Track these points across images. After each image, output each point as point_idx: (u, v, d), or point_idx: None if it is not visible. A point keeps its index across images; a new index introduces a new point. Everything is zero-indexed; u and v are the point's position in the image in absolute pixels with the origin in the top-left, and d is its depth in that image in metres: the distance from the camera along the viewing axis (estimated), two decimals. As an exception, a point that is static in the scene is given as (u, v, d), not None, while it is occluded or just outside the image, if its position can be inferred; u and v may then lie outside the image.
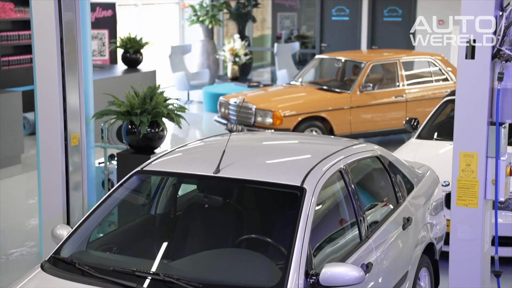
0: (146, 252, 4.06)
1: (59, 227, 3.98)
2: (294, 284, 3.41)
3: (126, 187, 4.17)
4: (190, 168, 4.14)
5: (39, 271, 3.65)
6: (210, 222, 4.18)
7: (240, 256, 3.84)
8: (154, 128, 5.95)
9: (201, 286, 3.36)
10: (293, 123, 9.92)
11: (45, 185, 5.35)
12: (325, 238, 4.00)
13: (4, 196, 8.47)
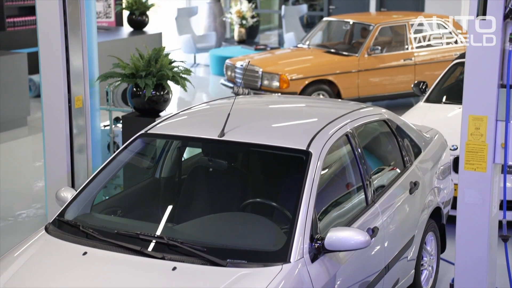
0: (150, 216, 4.04)
1: (63, 190, 3.96)
2: (299, 248, 3.39)
3: (130, 150, 4.13)
4: (194, 132, 4.09)
5: (43, 233, 3.64)
6: (215, 186, 4.15)
7: (245, 220, 3.81)
8: (159, 91, 5.90)
9: (205, 250, 3.34)
10: (300, 87, 9.83)
11: (49, 148, 5.33)
12: (331, 202, 3.96)
13: (11, 158, 8.47)
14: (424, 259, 4.99)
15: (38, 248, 3.51)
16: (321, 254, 3.50)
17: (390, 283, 4.36)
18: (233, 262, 3.29)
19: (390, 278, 4.30)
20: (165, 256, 3.33)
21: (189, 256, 3.32)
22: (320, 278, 3.45)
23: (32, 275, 3.32)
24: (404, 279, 4.60)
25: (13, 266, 3.37)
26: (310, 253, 3.44)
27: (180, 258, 3.31)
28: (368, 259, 4.00)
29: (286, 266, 3.30)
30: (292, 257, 3.35)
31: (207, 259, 3.29)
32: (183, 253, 3.34)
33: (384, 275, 4.20)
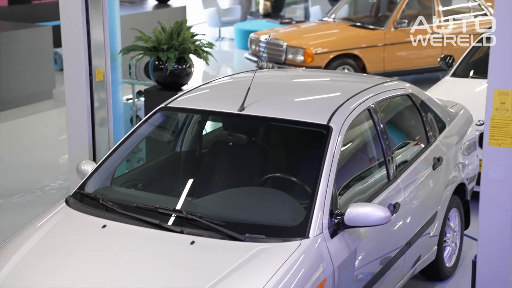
0: (170, 189, 4.04)
1: (84, 163, 3.97)
2: (318, 224, 3.36)
3: (150, 123, 4.12)
4: (214, 105, 4.06)
5: (64, 205, 3.66)
6: (235, 160, 4.13)
7: (264, 194, 3.79)
8: (181, 64, 5.87)
9: (223, 224, 3.32)
10: (324, 61, 9.74)
11: (71, 121, 5.35)
12: (352, 178, 3.92)
13: (37, 131, 8.54)
14: (447, 235, 4.94)
15: (58, 220, 3.53)
16: (341, 230, 3.47)
17: (412, 259, 4.33)
18: (251, 237, 3.27)
19: (411, 254, 4.27)
20: (183, 230, 3.32)
21: (207, 231, 3.31)
22: (340, 253, 3.43)
23: (51, 247, 3.34)
24: (426, 255, 4.56)
25: (34, 237, 3.40)
26: (330, 228, 3.41)
27: (199, 232, 3.30)
28: (389, 235, 3.97)
29: (305, 241, 3.28)
30: (311, 232, 3.32)
31: (226, 234, 3.28)
32: (202, 227, 3.33)
33: (406, 251, 4.17)
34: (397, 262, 4.09)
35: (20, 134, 8.64)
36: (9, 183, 6.78)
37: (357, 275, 3.66)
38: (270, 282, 3.03)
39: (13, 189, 6.58)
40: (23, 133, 8.65)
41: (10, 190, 6.56)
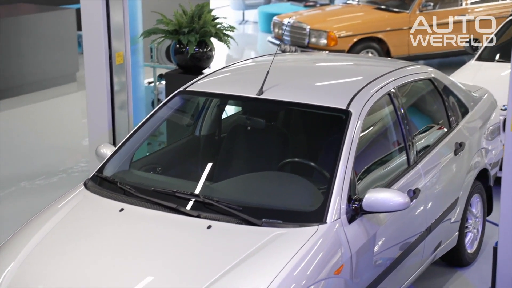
0: (188, 173, 4.03)
1: (103, 146, 3.98)
2: (336, 209, 3.33)
3: (169, 106, 4.11)
4: (233, 89, 4.04)
5: (82, 189, 3.67)
6: (253, 145, 4.11)
7: (282, 179, 3.77)
8: (202, 47, 5.85)
9: (240, 209, 3.31)
10: (348, 44, 9.65)
11: (91, 104, 5.37)
12: (371, 163, 3.88)
13: (60, 114, 8.60)
14: (469, 221, 4.88)
15: (77, 203, 3.54)
16: (359, 215, 3.45)
17: (432, 245, 4.29)
18: (268, 221, 3.25)
19: (432, 240, 4.23)
20: (200, 214, 3.31)
21: (224, 215, 3.30)
22: (358, 239, 3.41)
23: (69, 230, 3.36)
24: (447, 241, 4.52)
25: (52, 220, 3.42)
26: (348, 214, 3.38)
27: (216, 217, 3.29)
28: (409, 221, 3.93)
29: (322, 226, 3.26)
30: (328, 217, 3.30)
31: (242, 218, 3.27)
32: (219, 211, 3.32)
33: (426, 237, 4.13)
34: (417, 248, 4.05)
35: (44, 116, 8.71)
36: (32, 165, 6.85)
37: (376, 261, 3.63)
38: (286, 267, 3.02)
39: (36, 172, 6.65)
40: (47, 116, 8.71)
41: (34, 173, 6.63)
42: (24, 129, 8.15)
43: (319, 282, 3.12)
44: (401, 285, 4.01)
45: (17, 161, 7.02)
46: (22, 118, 8.62)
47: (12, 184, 6.37)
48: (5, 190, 6.25)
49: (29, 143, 7.57)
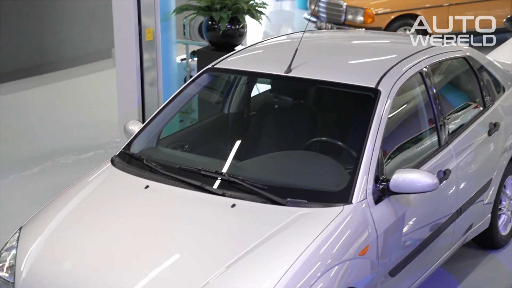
0: (215, 152, 4.02)
1: (131, 123, 3.98)
2: (362, 189, 3.29)
3: (198, 83, 4.08)
4: (261, 67, 4.00)
5: (109, 165, 3.68)
6: (280, 123, 4.08)
7: (309, 158, 3.73)
8: (234, 24, 5.81)
9: (265, 188, 3.29)
10: (385, 22, 9.49)
11: (120, 81, 5.37)
12: (400, 143, 3.82)
13: (96, 90, 8.66)
14: (503, 203, 4.78)
15: (103, 180, 3.56)
16: (386, 196, 3.39)
17: (463, 226, 4.22)
18: (293, 201, 3.22)
19: (462, 221, 4.16)
20: (225, 192, 3.30)
21: (249, 194, 3.28)
22: (384, 220, 3.36)
23: (95, 206, 3.38)
24: (479, 223, 4.45)
25: (79, 196, 3.44)
26: (374, 194, 3.33)
27: (240, 195, 3.27)
28: (438, 202, 3.87)
29: (348, 207, 3.22)
30: (354, 198, 3.25)
31: (267, 197, 3.24)
32: (244, 190, 3.30)
33: (456, 219, 4.06)
34: (447, 229, 3.99)
35: (80, 92, 8.79)
36: (68, 141, 6.93)
37: (404, 241, 3.59)
38: (309, 248, 2.99)
39: (72, 147, 6.73)
40: (83, 92, 8.79)
41: (69, 148, 6.72)
42: (60, 104, 8.24)
43: (344, 263, 3.09)
44: (430, 266, 3.96)
45: (53, 136, 7.12)
46: (59, 94, 8.72)
47: (48, 159, 6.46)
48: (42, 164, 6.34)
49: (66, 119, 7.66)
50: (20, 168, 6.27)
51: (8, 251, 3.19)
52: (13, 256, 3.14)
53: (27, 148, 6.79)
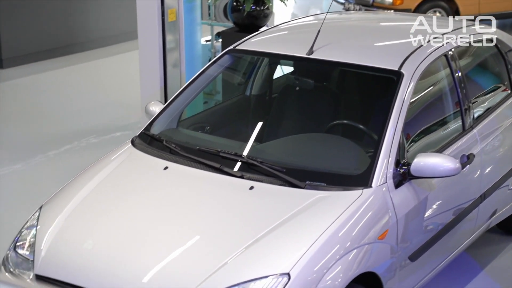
0: (236, 133, 4.00)
1: (152, 104, 3.98)
2: (382, 173, 3.25)
3: (219, 64, 4.06)
4: (282, 49, 3.96)
5: (130, 146, 3.69)
6: (302, 106, 4.04)
7: (329, 141, 3.70)
8: (259, 5, 5.78)
9: (284, 170, 3.27)
10: (414, 3, 9.35)
11: (143, 61, 5.36)
12: (423, 127, 3.77)
13: (124, 71, 8.68)
14: (529, 189, 4.70)
15: (123, 160, 3.57)
16: (407, 180, 3.35)
17: (487, 212, 4.16)
18: (312, 184, 3.20)
19: (486, 206, 4.10)
20: (243, 175, 3.29)
21: (267, 176, 3.26)
22: (405, 204, 3.33)
23: (113, 187, 3.40)
24: (503, 208, 4.38)
25: (98, 176, 3.45)
26: (395, 178, 3.30)
27: (259, 178, 3.26)
28: (461, 187, 3.82)
29: (367, 191, 3.19)
30: (374, 181, 3.22)
31: (286, 180, 3.22)
32: (262, 172, 3.28)
33: (479, 204, 4.00)
34: (470, 214, 3.94)
35: (107, 73, 8.84)
36: (94, 121, 6.98)
37: (426, 226, 3.56)
38: (328, 230, 2.97)
39: (98, 127, 6.78)
40: (110, 72, 8.83)
41: (96, 128, 6.77)
42: (88, 85, 8.29)
43: (363, 247, 3.07)
44: (452, 251, 3.92)
45: (80, 116, 7.17)
46: (86, 74, 8.77)
47: (75, 139, 6.52)
48: (69, 144, 6.40)
49: (93, 99, 7.70)
50: (46, 148, 6.33)
51: (28, 230, 3.22)
52: (33, 234, 3.17)
53: (53, 128, 6.85)
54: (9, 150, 6.43)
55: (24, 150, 6.30)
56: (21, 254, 3.14)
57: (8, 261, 3.15)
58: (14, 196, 5.40)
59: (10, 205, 5.17)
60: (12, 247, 3.20)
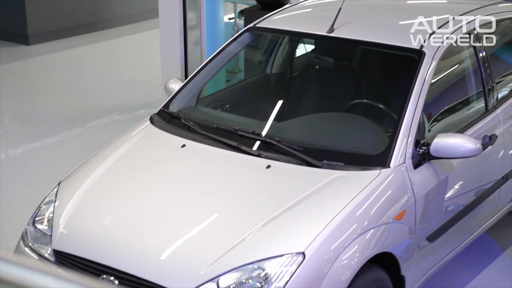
0: (254, 112, 3.98)
1: (172, 81, 3.96)
2: (401, 153, 3.21)
3: (239, 42, 4.02)
4: (303, 26, 3.91)
5: (148, 123, 3.69)
6: (322, 85, 4.00)
7: (348, 121, 3.66)
8: (282, -17, 5.71)
9: (301, 150, 3.24)
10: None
11: (164, 39, 5.34)
12: (446, 107, 3.71)
13: (149, 48, 8.69)
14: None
15: (141, 137, 3.56)
16: (426, 161, 3.31)
17: (509, 194, 4.11)
18: (329, 163, 3.17)
19: (508, 188, 4.04)
20: (261, 153, 3.27)
21: (285, 155, 3.24)
22: (423, 185, 3.29)
23: (132, 164, 3.40)
24: (526, 191, 4.31)
25: (115, 154, 3.45)
26: (413, 159, 3.26)
27: (276, 157, 3.23)
28: (483, 167, 3.77)
29: (385, 171, 3.15)
30: (392, 162, 3.18)
31: (303, 159, 3.20)
32: (280, 151, 3.26)
33: (501, 185, 3.95)
34: (491, 196, 3.89)
35: (132, 50, 8.86)
36: (117, 99, 7.02)
37: (446, 207, 3.52)
38: (345, 209, 2.95)
39: (123, 105, 6.82)
40: (135, 50, 8.86)
41: (120, 105, 6.81)
42: (112, 62, 8.33)
43: (380, 227, 3.04)
44: (472, 233, 3.88)
45: (105, 93, 7.21)
46: (110, 52, 8.80)
47: (100, 116, 6.56)
48: (94, 121, 6.44)
49: (117, 76, 7.74)
50: (71, 124, 6.38)
51: (47, 205, 3.25)
52: (51, 210, 3.19)
53: (78, 105, 6.90)
54: (35, 126, 6.50)
55: (50, 126, 6.36)
56: (40, 229, 3.16)
57: (27, 236, 3.18)
58: (39, 171, 5.46)
59: (35, 181, 5.23)
60: (31, 222, 3.22)
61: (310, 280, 2.76)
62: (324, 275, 2.79)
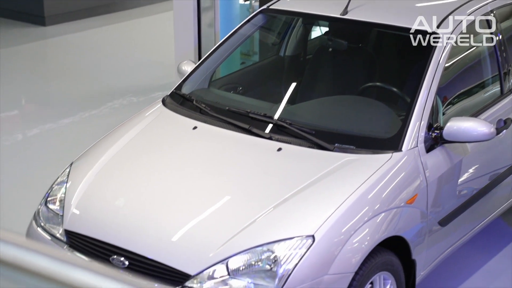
0: (267, 95, 3.96)
1: (185, 63, 3.95)
2: (414, 137, 3.18)
3: (253, 24, 4.00)
4: (317, 9, 3.87)
5: (160, 105, 3.68)
6: (335, 68, 3.97)
7: (360, 104, 3.64)
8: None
9: (313, 133, 3.22)
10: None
11: (177, 20, 5.32)
12: (460, 91, 3.67)
13: (164, 31, 8.68)
14: None
15: (153, 119, 3.56)
16: (439, 145, 3.29)
17: (523, 179, 4.06)
18: (340, 147, 3.16)
19: (523, 173, 4.00)
20: (272, 136, 3.25)
21: (296, 138, 3.23)
22: (435, 169, 3.26)
23: (143, 145, 3.40)
24: (541, 176, 4.26)
25: (127, 135, 3.46)
26: (426, 143, 3.23)
27: (287, 139, 3.22)
28: (497, 151, 3.74)
29: (397, 154, 3.13)
30: (404, 145, 3.16)
31: (314, 142, 3.18)
32: (291, 134, 3.25)
33: (516, 171, 3.91)
34: (506, 180, 3.86)
35: (147, 32, 8.85)
36: (133, 81, 7.03)
37: (459, 191, 3.50)
38: (356, 192, 2.93)
39: (139, 86, 6.83)
40: (151, 32, 8.85)
41: (136, 87, 6.82)
42: (127, 43, 8.33)
43: (391, 210, 3.03)
44: (485, 217, 3.85)
45: (121, 75, 7.22)
46: (125, 33, 8.81)
47: (115, 98, 6.58)
48: (111, 102, 6.46)
49: (133, 58, 7.74)
50: (87, 105, 6.41)
51: (59, 185, 3.26)
52: (63, 190, 3.21)
53: (94, 86, 6.92)
54: (51, 107, 6.54)
55: (65, 108, 6.39)
56: (52, 209, 3.18)
57: (39, 216, 3.21)
58: (54, 152, 5.50)
59: (50, 161, 5.26)
60: (43, 202, 3.24)
61: (319, 263, 2.76)
62: (334, 258, 2.78)
